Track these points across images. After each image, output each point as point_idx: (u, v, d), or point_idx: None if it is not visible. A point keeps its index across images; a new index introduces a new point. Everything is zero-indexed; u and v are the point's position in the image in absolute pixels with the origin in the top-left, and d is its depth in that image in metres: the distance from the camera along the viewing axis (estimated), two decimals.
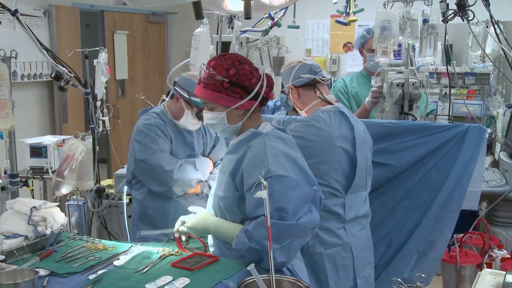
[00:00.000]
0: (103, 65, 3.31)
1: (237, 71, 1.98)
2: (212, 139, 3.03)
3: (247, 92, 1.99)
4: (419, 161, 2.86)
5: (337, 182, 2.41)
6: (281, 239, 1.86)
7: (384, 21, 3.05)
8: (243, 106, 2.01)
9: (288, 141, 2.06)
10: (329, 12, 6.37)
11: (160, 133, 2.77)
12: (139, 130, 2.80)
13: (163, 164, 2.71)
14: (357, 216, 2.49)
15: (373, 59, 3.40)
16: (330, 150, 2.40)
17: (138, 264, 2.06)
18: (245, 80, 1.98)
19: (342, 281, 2.42)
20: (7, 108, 2.56)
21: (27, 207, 2.27)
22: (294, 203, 1.89)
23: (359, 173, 2.44)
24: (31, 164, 3.69)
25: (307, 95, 2.55)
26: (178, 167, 2.74)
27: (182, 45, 6.81)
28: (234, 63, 1.99)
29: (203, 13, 2.26)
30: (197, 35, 3.12)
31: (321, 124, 2.41)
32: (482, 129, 2.77)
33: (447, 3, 2.91)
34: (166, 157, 2.75)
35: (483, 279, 1.79)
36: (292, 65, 2.56)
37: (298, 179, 1.93)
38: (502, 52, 3.85)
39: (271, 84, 2.06)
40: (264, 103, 2.07)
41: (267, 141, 1.98)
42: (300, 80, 2.53)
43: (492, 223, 3.44)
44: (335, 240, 2.42)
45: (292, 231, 1.88)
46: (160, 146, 2.75)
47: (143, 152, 2.74)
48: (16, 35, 3.85)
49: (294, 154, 2.02)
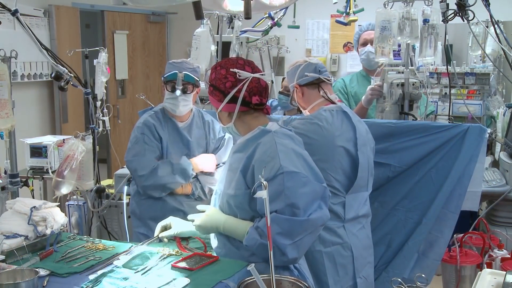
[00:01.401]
0: (103, 65, 3.31)
1: (215, 75, 2.06)
2: (216, 140, 3.02)
3: (224, 95, 2.04)
4: (419, 161, 2.86)
5: (337, 181, 2.41)
6: (293, 235, 1.88)
7: (384, 21, 3.05)
8: (226, 109, 2.06)
9: (296, 139, 2.09)
10: (329, 12, 6.37)
11: (147, 133, 2.83)
12: (133, 129, 2.90)
13: (137, 168, 2.80)
14: (357, 216, 2.49)
15: (364, 52, 3.48)
16: (331, 149, 2.41)
17: (138, 264, 2.06)
18: (220, 84, 2.04)
19: (341, 280, 2.42)
20: (7, 108, 2.56)
21: (27, 207, 2.27)
22: (305, 199, 1.91)
23: (361, 174, 2.44)
24: (31, 164, 3.70)
25: (311, 94, 2.55)
26: (149, 172, 2.77)
27: (182, 45, 6.81)
28: (216, 68, 2.08)
29: (203, 13, 2.26)
30: (198, 35, 3.13)
31: (323, 122, 2.42)
32: (482, 129, 2.77)
33: (447, 3, 2.91)
34: (142, 161, 2.80)
35: (483, 279, 1.79)
36: (297, 64, 2.58)
37: (308, 175, 1.95)
38: (502, 52, 3.86)
39: (255, 89, 2.04)
40: (253, 107, 2.05)
41: (276, 138, 2.00)
42: (304, 79, 2.53)
43: (492, 223, 3.44)
44: (335, 239, 2.42)
45: (303, 227, 1.89)
46: (141, 147, 2.81)
47: (127, 153, 2.86)
48: (16, 35, 3.85)
49: (303, 152, 2.05)
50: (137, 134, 2.85)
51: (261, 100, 2.06)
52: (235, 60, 2.09)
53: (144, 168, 2.77)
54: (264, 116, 2.13)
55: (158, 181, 2.77)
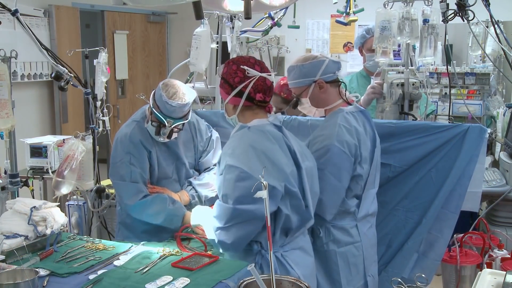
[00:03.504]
0: (103, 65, 3.31)
1: (227, 70, 2.22)
2: (204, 142, 2.88)
3: (232, 88, 2.19)
4: (419, 161, 2.86)
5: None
6: (223, 220, 2.06)
7: (384, 21, 3.05)
8: (231, 101, 2.22)
9: (270, 134, 2.16)
10: (329, 12, 6.37)
11: (133, 151, 2.61)
12: (115, 142, 2.67)
13: (123, 196, 2.62)
14: (367, 214, 2.53)
15: (373, 59, 3.40)
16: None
17: (138, 264, 2.06)
18: (229, 77, 2.20)
19: (353, 279, 2.46)
20: (7, 108, 2.56)
21: (27, 207, 2.27)
22: (238, 192, 2.03)
23: (371, 171, 2.49)
24: (31, 164, 3.69)
25: (332, 92, 2.52)
26: (136, 204, 2.56)
27: (182, 45, 6.82)
28: (229, 63, 2.24)
29: (203, 13, 2.27)
30: (198, 35, 3.12)
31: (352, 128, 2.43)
32: (482, 129, 2.77)
33: (447, 3, 2.91)
34: (128, 189, 2.59)
35: (483, 279, 1.80)
36: (318, 59, 2.47)
37: (251, 172, 2.03)
38: (502, 52, 3.86)
39: (260, 87, 2.17)
40: (257, 103, 2.19)
41: (245, 134, 2.16)
42: (331, 76, 2.49)
43: (492, 223, 3.43)
44: (348, 239, 2.45)
45: (231, 214, 2.04)
46: (126, 170, 2.59)
47: (112, 172, 2.68)
48: (16, 35, 3.86)
49: (269, 147, 2.12)
50: (121, 152, 2.63)
51: (265, 98, 2.20)
52: (247, 58, 2.24)
53: (130, 197, 2.58)
54: (264, 114, 2.23)
55: (144, 218, 2.58)
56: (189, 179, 2.83)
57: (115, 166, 2.66)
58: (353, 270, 2.45)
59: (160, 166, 2.70)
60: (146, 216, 2.57)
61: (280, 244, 2.15)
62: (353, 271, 2.45)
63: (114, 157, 2.68)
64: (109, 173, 2.73)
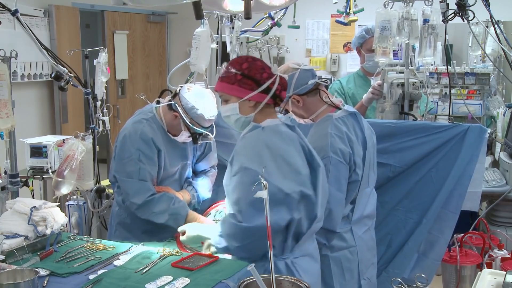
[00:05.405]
0: (103, 65, 3.31)
1: (249, 65, 2.12)
2: (201, 146, 2.84)
3: (258, 84, 2.10)
4: (419, 161, 2.86)
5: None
6: (236, 239, 2.01)
7: (384, 21, 3.06)
8: (254, 98, 2.11)
9: (286, 135, 2.12)
10: (329, 12, 6.37)
11: (144, 149, 2.54)
12: (123, 138, 2.58)
13: (130, 193, 2.53)
14: (362, 216, 2.48)
15: (373, 59, 3.39)
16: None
17: (138, 264, 2.06)
18: (256, 73, 2.10)
19: (347, 284, 2.42)
20: (7, 108, 2.56)
21: (27, 207, 2.26)
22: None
23: (364, 171, 2.44)
24: (31, 164, 3.69)
25: (312, 102, 2.43)
26: (143, 202, 2.51)
27: (182, 45, 6.82)
28: (248, 60, 2.15)
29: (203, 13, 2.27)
30: (198, 35, 3.12)
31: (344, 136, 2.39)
32: (482, 129, 2.77)
33: (447, 3, 2.91)
34: (136, 187, 2.53)
35: (483, 279, 1.80)
36: (289, 74, 2.36)
37: (268, 175, 1.96)
38: (502, 52, 3.86)
39: (284, 85, 2.15)
40: (277, 101, 2.16)
41: (260, 134, 2.09)
42: (304, 88, 2.40)
43: (492, 223, 3.43)
44: (342, 244, 2.40)
45: (248, 233, 1.99)
46: (135, 167, 2.52)
47: (118, 168, 2.58)
48: (16, 35, 3.85)
49: (285, 148, 2.08)
50: (130, 148, 2.54)
51: (284, 97, 2.18)
52: (257, 59, 2.20)
53: (137, 195, 2.51)
54: (275, 113, 2.21)
55: (150, 216, 2.53)
56: (188, 179, 2.83)
57: (122, 162, 2.56)
58: (347, 274, 2.41)
59: (166, 165, 2.66)
60: (151, 215, 2.52)
61: (290, 249, 2.10)
62: (347, 275, 2.41)
63: (121, 153, 2.56)
64: (113, 169, 2.59)
